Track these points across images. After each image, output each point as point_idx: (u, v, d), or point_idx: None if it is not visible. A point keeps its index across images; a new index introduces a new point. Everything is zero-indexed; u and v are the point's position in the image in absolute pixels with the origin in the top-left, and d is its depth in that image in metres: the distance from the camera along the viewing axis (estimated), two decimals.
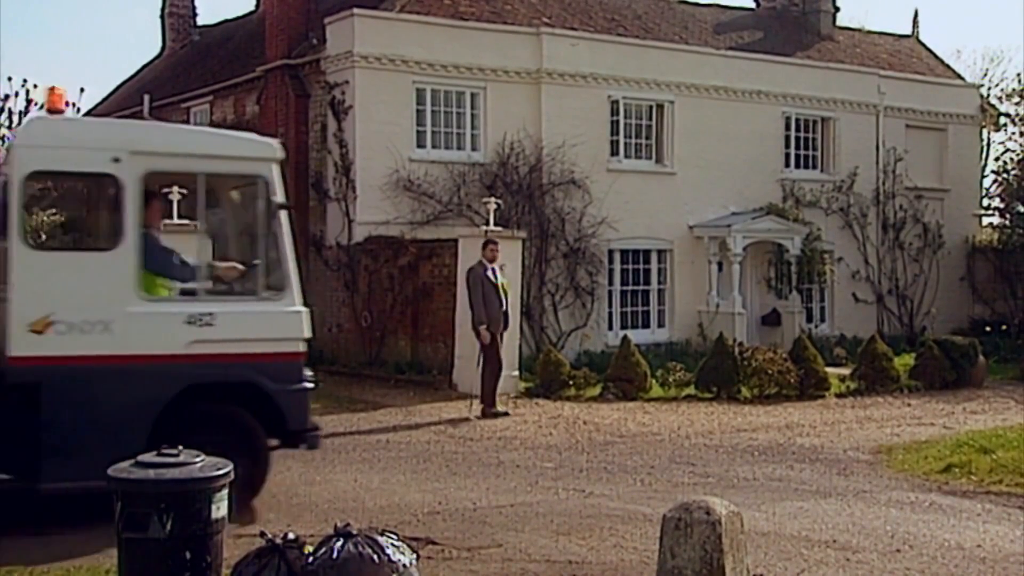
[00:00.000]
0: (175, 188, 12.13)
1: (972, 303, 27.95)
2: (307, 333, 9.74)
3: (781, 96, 25.30)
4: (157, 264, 9.38)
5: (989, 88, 36.44)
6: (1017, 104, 30.43)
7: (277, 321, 9.56)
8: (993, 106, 30.61)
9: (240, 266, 9.80)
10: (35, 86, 21.16)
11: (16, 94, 20.21)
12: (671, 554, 5.99)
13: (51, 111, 9.63)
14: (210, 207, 10.16)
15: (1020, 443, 12.91)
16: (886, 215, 26.80)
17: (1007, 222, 28.28)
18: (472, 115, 21.93)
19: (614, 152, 23.18)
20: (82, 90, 32.89)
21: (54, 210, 10.53)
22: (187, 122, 26.77)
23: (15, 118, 20.25)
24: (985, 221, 29.70)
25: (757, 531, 8.87)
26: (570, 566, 8.04)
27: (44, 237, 9.53)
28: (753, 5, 30.60)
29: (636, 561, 8.08)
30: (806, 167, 26.03)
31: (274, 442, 9.72)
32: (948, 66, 31.63)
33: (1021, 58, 75.95)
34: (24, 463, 9.01)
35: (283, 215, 9.65)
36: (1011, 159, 29.73)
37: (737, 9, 29.91)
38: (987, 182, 31.83)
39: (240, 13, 32.52)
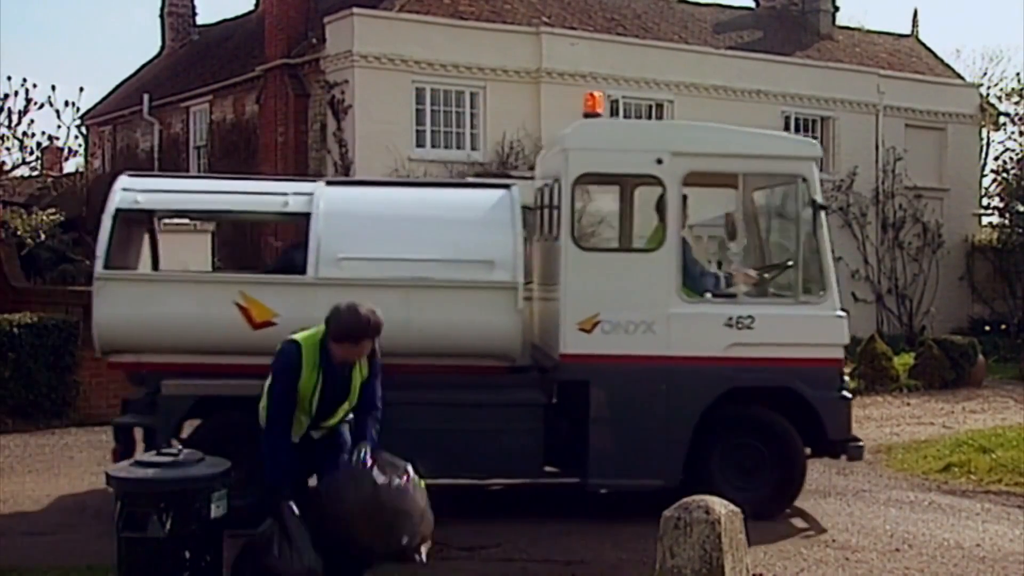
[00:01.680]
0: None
1: (971, 302, 27.93)
2: (847, 339, 9.62)
3: (780, 95, 25.28)
4: (685, 270, 9.40)
5: (989, 87, 36.39)
6: (1016, 103, 30.46)
7: (817, 325, 9.38)
8: (993, 105, 30.59)
9: (753, 273, 9.72)
10: (35, 85, 21.19)
11: (16, 93, 20.19)
12: (670, 553, 5.99)
13: (588, 115, 9.72)
14: (748, 208, 10.14)
15: (1019, 442, 12.91)
16: (885, 214, 26.79)
17: (1006, 222, 28.26)
18: (472, 114, 21.93)
19: None
20: (81, 89, 32.99)
21: (599, 211, 10.64)
22: (186, 121, 26.80)
23: (15, 118, 20.24)
24: (984, 221, 29.68)
25: (756, 530, 8.86)
26: (570, 566, 8.04)
27: (592, 238, 9.62)
28: (753, 4, 30.60)
29: (635, 561, 8.07)
30: None
31: (806, 450, 9.59)
32: (948, 65, 31.62)
33: (1021, 58, 76.12)
34: (572, 459, 9.25)
35: (823, 216, 9.53)
36: (1010, 158, 29.72)
37: (737, 8, 29.91)
38: (986, 182, 31.83)
39: (239, 12, 32.56)
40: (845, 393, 9.53)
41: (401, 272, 9.07)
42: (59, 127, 37.61)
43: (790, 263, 9.64)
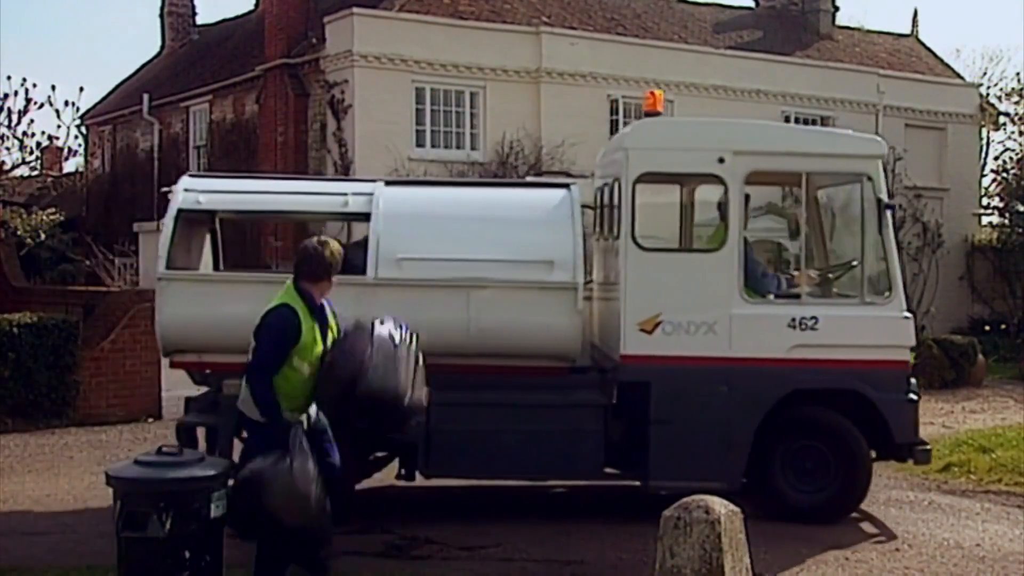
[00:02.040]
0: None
1: (971, 302, 27.91)
2: (913, 340, 9.50)
3: (780, 95, 25.27)
4: (747, 271, 9.30)
5: (988, 87, 36.37)
6: (1016, 103, 30.45)
7: (882, 327, 9.26)
8: (992, 105, 30.59)
9: (813, 274, 9.63)
10: (34, 85, 21.18)
11: (16, 93, 20.20)
12: (670, 553, 5.98)
13: (649, 113, 9.67)
14: (811, 207, 9.97)
15: (1019, 442, 12.91)
16: None
17: (1006, 221, 28.24)
18: (471, 114, 21.94)
19: None
20: (81, 89, 32.98)
21: (660, 211, 10.58)
22: (186, 121, 26.80)
23: (15, 117, 20.25)
24: (984, 220, 29.66)
25: (756, 530, 8.86)
26: (570, 566, 8.04)
27: (652, 238, 9.57)
28: (752, 4, 30.58)
29: (635, 561, 8.07)
30: None
31: (872, 453, 9.46)
32: (948, 65, 31.60)
33: (1021, 57, 76.12)
34: (632, 460, 9.20)
35: (888, 215, 9.42)
36: (1010, 158, 29.73)
37: (736, 8, 29.92)
38: (986, 181, 31.82)
39: (239, 12, 32.57)
40: (912, 395, 9.40)
41: (460, 273, 9.11)
42: (59, 127, 37.53)
43: (855, 263, 9.55)
